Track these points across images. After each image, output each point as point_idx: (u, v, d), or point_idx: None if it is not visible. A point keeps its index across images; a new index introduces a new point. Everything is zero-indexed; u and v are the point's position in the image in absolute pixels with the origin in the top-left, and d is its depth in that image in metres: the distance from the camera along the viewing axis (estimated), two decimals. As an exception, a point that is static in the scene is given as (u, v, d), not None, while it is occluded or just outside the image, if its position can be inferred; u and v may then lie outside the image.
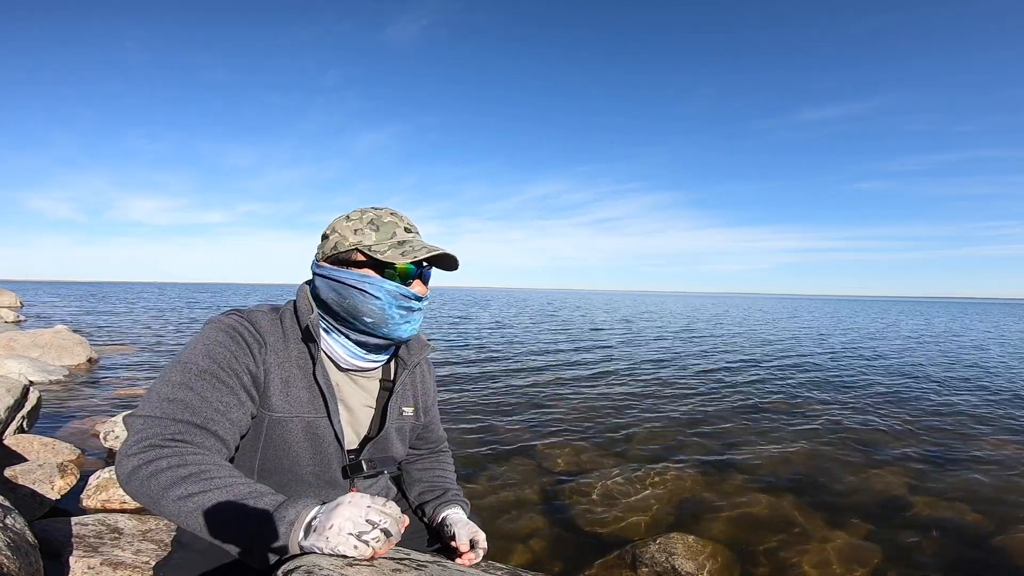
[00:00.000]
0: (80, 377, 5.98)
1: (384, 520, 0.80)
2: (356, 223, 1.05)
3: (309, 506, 0.81)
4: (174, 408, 0.89)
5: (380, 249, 1.02)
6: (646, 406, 5.36)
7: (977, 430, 4.67)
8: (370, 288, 1.01)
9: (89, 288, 62.46)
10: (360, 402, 1.13)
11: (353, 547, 0.77)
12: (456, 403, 5.23)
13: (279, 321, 1.06)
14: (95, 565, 1.65)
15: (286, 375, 1.02)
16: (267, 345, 1.02)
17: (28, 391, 3.32)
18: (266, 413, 1.00)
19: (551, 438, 4.13)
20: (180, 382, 0.92)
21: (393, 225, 1.05)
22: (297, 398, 1.03)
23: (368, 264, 1.03)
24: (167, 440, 0.86)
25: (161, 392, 0.91)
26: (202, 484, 0.81)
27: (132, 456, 0.84)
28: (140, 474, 0.82)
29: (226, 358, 0.96)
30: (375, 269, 1.02)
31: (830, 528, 2.67)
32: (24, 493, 2.37)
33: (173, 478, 0.81)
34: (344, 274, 1.02)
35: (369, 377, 1.15)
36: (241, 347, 0.98)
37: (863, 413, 5.23)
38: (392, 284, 1.01)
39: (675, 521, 2.75)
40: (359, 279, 1.01)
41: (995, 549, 2.53)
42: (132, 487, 0.83)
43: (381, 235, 1.03)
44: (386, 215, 1.07)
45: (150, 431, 0.87)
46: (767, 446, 4.06)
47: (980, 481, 3.39)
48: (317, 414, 1.04)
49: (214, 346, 0.96)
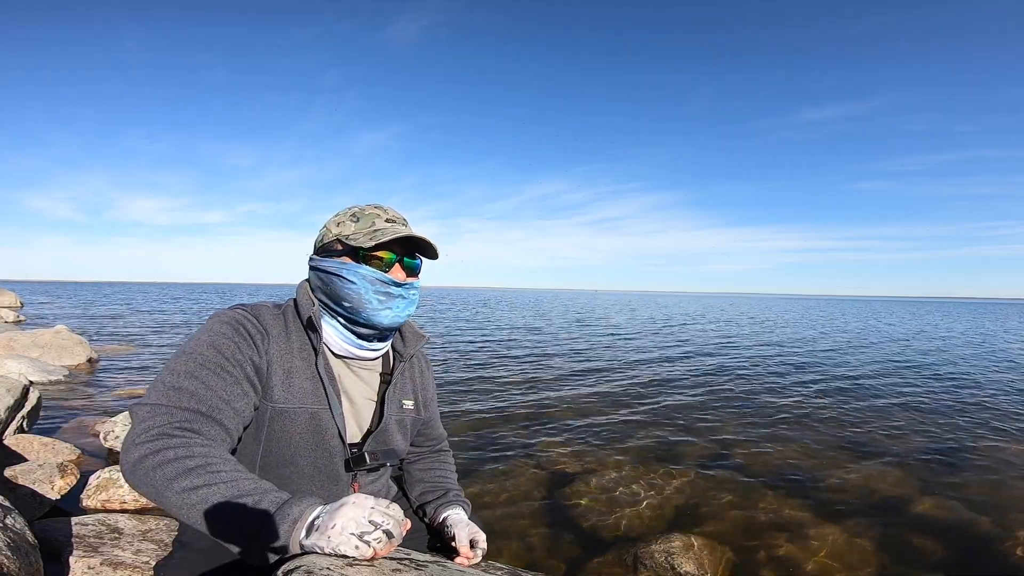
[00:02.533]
0: (80, 377, 5.97)
1: (386, 521, 0.80)
2: (340, 217, 1.12)
3: (312, 505, 0.81)
4: (180, 397, 0.90)
5: (355, 237, 1.07)
6: (646, 406, 5.36)
7: (978, 430, 4.67)
8: (345, 273, 1.05)
9: (89, 288, 62.47)
10: (362, 394, 1.14)
11: (355, 547, 0.77)
12: (455, 403, 5.23)
13: (282, 315, 1.09)
14: (95, 565, 1.65)
15: (288, 366, 1.04)
16: (270, 336, 1.04)
17: (28, 391, 3.31)
18: (268, 404, 1.01)
19: (551, 438, 4.12)
20: (186, 371, 0.93)
21: (373, 216, 1.09)
22: (300, 389, 1.04)
23: (345, 252, 1.08)
24: (175, 429, 0.86)
25: (167, 381, 0.92)
26: (207, 477, 0.80)
27: (139, 445, 0.83)
28: (146, 464, 0.81)
29: (230, 349, 0.97)
30: (351, 256, 1.07)
31: (831, 528, 2.67)
32: (24, 493, 2.37)
33: (179, 469, 0.80)
34: (326, 262, 1.09)
35: (370, 370, 1.16)
36: (245, 338, 1.00)
37: (864, 413, 5.23)
38: (366, 269, 1.05)
39: (675, 521, 2.75)
40: (337, 266, 1.07)
41: (995, 549, 2.53)
42: (136, 476, 0.82)
43: (360, 225, 1.08)
44: (369, 208, 1.11)
45: (157, 419, 0.87)
46: (768, 446, 4.06)
47: (981, 481, 3.39)
48: (319, 405, 1.05)
49: (218, 337, 0.98)
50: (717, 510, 2.88)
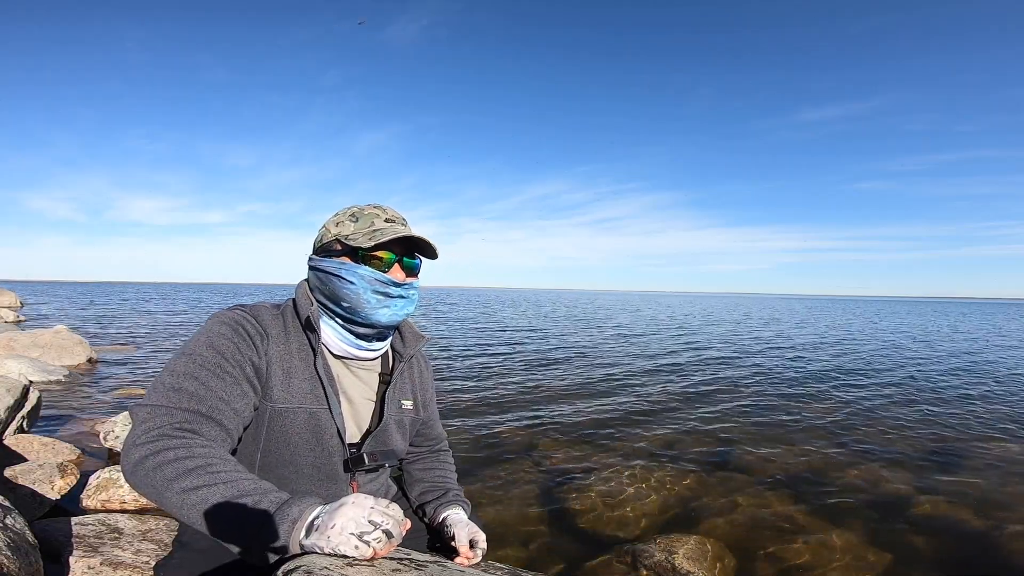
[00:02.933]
0: (80, 377, 5.97)
1: (386, 521, 0.80)
2: (339, 217, 1.13)
3: (312, 505, 0.81)
4: (180, 397, 0.90)
5: (355, 238, 1.07)
6: (646, 406, 5.36)
7: (979, 430, 4.67)
8: (344, 273, 1.06)
9: (89, 288, 62.46)
10: (361, 394, 1.14)
11: (354, 547, 0.77)
12: (455, 402, 5.23)
13: (281, 316, 1.10)
14: (95, 565, 1.65)
15: (288, 366, 1.04)
16: (269, 337, 1.04)
17: (28, 391, 3.32)
18: (268, 404, 1.01)
19: (551, 437, 4.12)
20: (185, 372, 0.93)
21: (372, 216, 1.10)
22: (299, 389, 1.04)
23: (344, 252, 1.08)
24: (175, 429, 0.86)
25: (167, 382, 0.92)
26: (207, 477, 0.80)
27: (140, 446, 0.83)
28: (147, 464, 0.81)
29: (230, 349, 0.97)
30: (350, 256, 1.08)
31: (831, 528, 2.67)
32: (24, 493, 2.37)
33: (180, 470, 0.81)
34: (325, 262, 1.09)
35: (369, 370, 1.17)
36: (244, 339, 1.00)
37: (864, 413, 5.23)
38: (366, 269, 1.06)
39: (675, 521, 2.75)
40: (336, 266, 1.07)
41: (996, 549, 2.53)
42: (137, 477, 0.82)
43: (359, 225, 1.09)
44: (368, 208, 1.12)
45: (158, 420, 0.87)
46: (768, 446, 4.05)
47: (981, 481, 3.39)
48: (319, 405, 1.05)
49: (218, 338, 0.98)
50: (717, 510, 2.88)
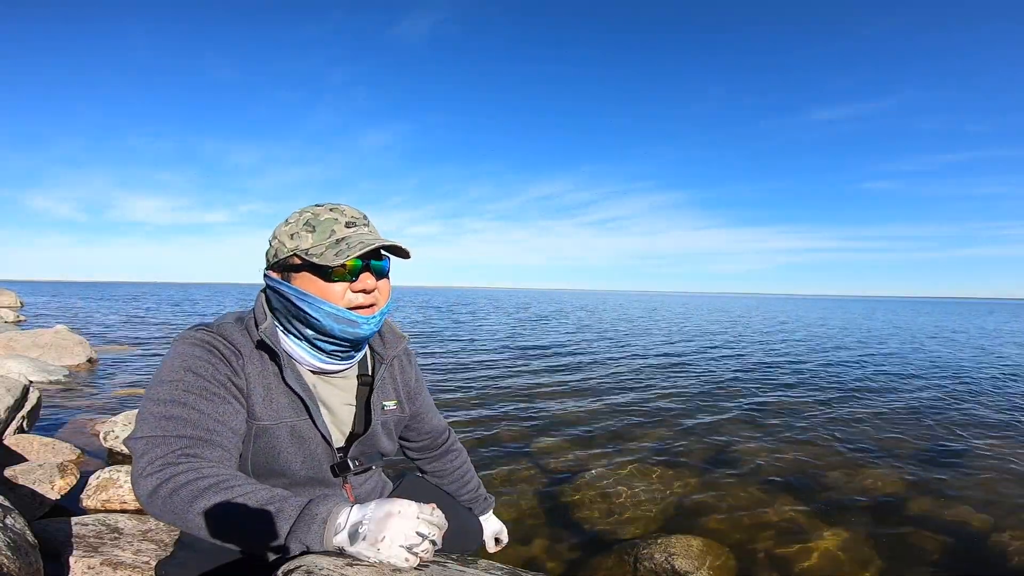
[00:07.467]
0: (80, 377, 5.97)
1: (433, 532, 0.79)
2: (293, 227, 1.00)
3: (339, 504, 0.80)
4: (174, 425, 0.88)
5: (316, 252, 0.97)
6: (646, 406, 5.35)
7: (979, 430, 4.66)
8: (308, 309, 0.97)
9: (90, 288, 62.44)
10: (340, 401, 1.12)
11: (404, 559, 0.75)
12: (454, 402, 5.23)
13: (247, 331, 1.03)
14: (95, 565, 1.65)
15: (266, 383, 1.01)
16: (243, 356, 1.00)
17: (28, 391, 3.31)
18: (253, 422, 1.00)
19: (551, 438, 4.12)
20: (171, 399, 0.90)
21: (331, 223, 0.99)
22: (279, 404, 1.02)
23: (305, 268, 0.98)
24: (177, 456, 0.85)
25: (155, 412, 0.89)
26: (224, 494, 0.80)
27: (149, 476, 0.83)
28: (161, 492, 0.81)
29: (209, 370, 0.94)
30: (314, 272, 0.97)
31: (830, 528, 2.67)
32: (24, 493, 2.37)
33: (195, 491, 0.80)
34: (285, 288, 0.99)
35: (345, 376, 1.13)
36: (221, 360, 0.97)
37: (863, 413, 5.23)
38: (330, 306, 0.96)
39: (675, 521, 2.75)
40: (298, 297, 0.97)
41: (995, 549, 2.53)
42: (156, 506, 0.82)
43: (318, 236, 0.98)
44: (324, 212, 1.01)
45: (157, 451, 0.86)
46: (768, 446, 4.05)
47: (980, 481, 3.39)
48: (299, 417, 1.03)
49: (194, 360, 0.94)
50: (717, 510, 2.88)
